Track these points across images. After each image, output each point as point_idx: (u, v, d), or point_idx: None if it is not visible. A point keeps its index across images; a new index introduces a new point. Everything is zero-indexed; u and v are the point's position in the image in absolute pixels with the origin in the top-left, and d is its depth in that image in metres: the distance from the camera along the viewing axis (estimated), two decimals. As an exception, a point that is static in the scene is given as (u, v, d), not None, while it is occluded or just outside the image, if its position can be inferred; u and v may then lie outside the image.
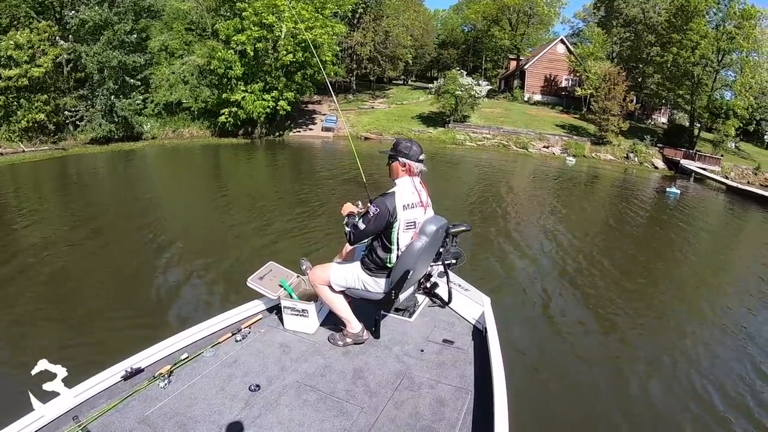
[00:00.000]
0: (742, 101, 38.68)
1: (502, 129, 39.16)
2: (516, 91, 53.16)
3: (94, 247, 9.47)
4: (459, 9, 73.61)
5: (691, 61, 38.19)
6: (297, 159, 26.70)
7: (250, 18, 28.89)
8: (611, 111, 37.64)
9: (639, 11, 49.18)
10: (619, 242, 13.30)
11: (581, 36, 60.04)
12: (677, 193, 23.52)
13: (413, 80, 70.95)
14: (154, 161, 23.74)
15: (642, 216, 18.13)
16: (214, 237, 10.44)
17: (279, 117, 33.14)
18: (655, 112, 53.08)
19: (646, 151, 38.16)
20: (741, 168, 37.90)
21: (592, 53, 47.70)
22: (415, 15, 52.20)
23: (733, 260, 13.60)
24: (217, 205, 13.66)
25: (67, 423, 2.63)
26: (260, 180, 19.72)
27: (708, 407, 5.37)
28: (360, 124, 38.48)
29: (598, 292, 8.85)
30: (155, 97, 29.82)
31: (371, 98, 48.86)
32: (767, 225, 20.37)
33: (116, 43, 25.11)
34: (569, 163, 34.00)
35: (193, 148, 27.79)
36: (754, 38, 38.12)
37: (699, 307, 8.71)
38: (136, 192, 15.51)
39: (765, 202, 25.69)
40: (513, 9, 55.80)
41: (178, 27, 33.05)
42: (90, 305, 6.78)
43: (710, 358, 6.60)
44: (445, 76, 39.29)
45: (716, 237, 16.66)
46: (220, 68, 29.76)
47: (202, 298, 7.29)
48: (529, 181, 24.54)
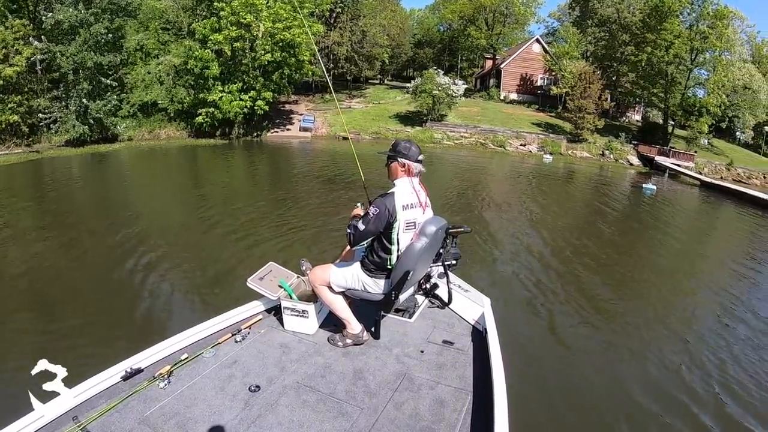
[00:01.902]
0: (714, 99, 40.31)
1: (479, 128, 40.27)
2: (492, 90, 54.27)
3: (69, 255, 9.27)
4: (435, 8, 74.65)
5: (665, 60, 39.83)
6: (276, 160, 26.92)
7: (228, 17, 29.23)
8: (587, 109, 38.98)
9: (613, 11, 50.72)
10: (599, 237, 13.77)
11: (556, 35, 61.36)
12: (653, 189, 24.53)
13: (389, 80, 71.46)
14: (131, 163, 23.70)
15: (620, 212, 18.95)
16: (195, 240, 10.33)
17: (256, 117, 33.57)
18: (630, 110, 54.85)
19: (621, 148, 39.57)
20: (714, 164, 39.75)
21: (567, 52, 48.97)
22: (392, 14, 52.96)
23: (709, 251, 14.57)
24: (197, 208, 13.51)
25: (66, 423, 2.68)
26: (240, 181, 19.73)
27: (715, 406, 5.49)
28: (337, 123, 38.97)
29: (583, 288, 9.01)
30: (131, 97, 30.02)
31: (348, 98, 49.35)
32: (740, 218, 21.35)
33: (92, 44, 25.26)
34: (546, 160, 35.07)
35: (169, 150, 27.87)
36: (727, 38, 39.94)
37: (688, 302, 9.06)
38: (112, 196, 15.40)
39: (738, 196, 27.16)
40: (489, 8, 56.92)
41: (154, 26, 33.32)
42: (71, 313, 6.67)
43: (706, 352, 6.76)
44: (423, 76, 40.04)
45: (693, 230, 17.61)
46: (196, 68, 30.02)
47: (180, 303, 7.23)
48: (507, 179, 25.26)
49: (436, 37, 75.09)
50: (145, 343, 3.43)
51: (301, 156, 28.64)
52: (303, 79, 38.99)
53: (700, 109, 41.11)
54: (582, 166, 34.80)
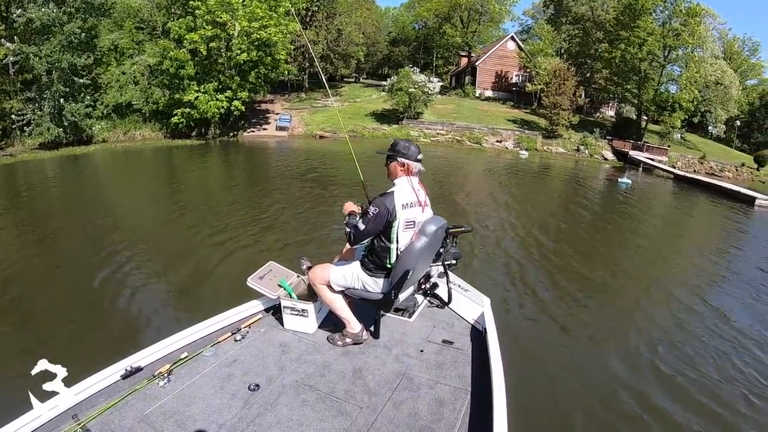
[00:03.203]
0: (687, 94, 41.74)
1: (455, 125, 41.14)
2: (467, 87, 55.32)
3: (48, 262, 9.02)
4: (410, 6, 75.56)
5: (638, 57, 41.17)
6: (254, 160, 27.05)
7: (203, 16, 29.31)
8: (561, 105, 40.13)
9: (587, 9, 52.01)
10: (577, 231, 14.23)
11: (531, 33, 62.74)
12: (628, 182, 25.51)
13: (364, 78, 71.82)
14: (106, 166, 23.54)
15: (597, 206, 19.77)
16: (173, 244, 10.14)
17: (233, 117, 33.80)
18: (603, 105, 56.45)
19: (595, 143, 40.85)
20: (687, 158, 41.37)
21: (541, 50, 50.15)
22: (367, 12, 53.64)
23: (685, 241, 15.57)
24: (175, 211, 13.27)
25: (66, 422, 2.71)
26: (220, 182, 19.62)
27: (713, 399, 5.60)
28: (314, 122, 39.58)
29: (566, 282, 9.22)
30: (105, 98, 29.97)
31: (324, 96, 49.75)
32: (713, 209, 22.53)
33: (65, 44, 25.22)
34: (522, 156, 36.00)
35: (145, 151, 27.83)
36: (699, 35, 41.36)
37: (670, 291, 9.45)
38: (88, 199, 15.09)
39: (710, 189, 28.67)
40: (464, 6, 57.88)
41: (128, 25, 33.24)
42: (48, 320, 6.58)
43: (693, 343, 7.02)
44: (398, 74, 40.76)
45: (668, 222, 18.73)
46: (172, 68, 30.13)
47: (158, 309, 7.07)
48: (484, 175, 25.80)
49: (411, 35, 76.06)
50: (139, 346, 3.48)
51: (280, 155, 28.82)
52: (279, 78, 39.34)
53: (672, 105, 42.48)
54: (558, 162, 35.84)
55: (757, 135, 60.55)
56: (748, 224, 19.50)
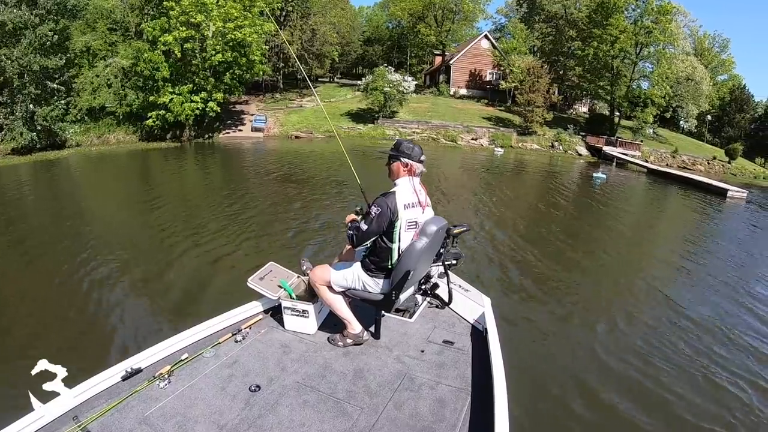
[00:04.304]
0: (659, 90, 43.49)
1: (430, 123, 42.06)
2: (442, 85, 56.30)
3: (23, 270, 8.84)
4: (384, 6, 76.20)
5: (610, 55, 42.59)
6: (230, 161, 26.97)
7: (177, 17, 29.27)
8: (535, 103, 41.43)
9: (560, 7, 53.34)
10: (556, 225, 14.60)
11: (504, 31, 64.01)
12: (603, 177, 26.48)
13: (339, 77, 72.22)
14: (81, 171, 23.08)
15: (574, 200, 20.40)
16: (151, 249, 9.91)
17: (208, 119, 33.79)
18: (577, 102, 58.03)
19: (569, 139, 42.16)
20: (660, 152, 43.15)
21: (515, 48, 51.18)
22: (341, 12, 54.24)
23: (658, 230, 16.70)
24: (152, 216, 13.00)
25: (67, 423, 2.74)
26: (196, 186, 19.45)
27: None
28: (289, 123, 39.99)
29: (549, 275, 9.46)
30: (78, 101, 29.80)
31: (299, 96, 50.40)
32: (685, 201, 23.80)
33: (37, 46, 25.12)
34: (497, 153, 37.00)
35: (120, 155, 27.60)
36: (670, 32, 43.01)
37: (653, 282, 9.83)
38: (64, 206, 14.65)
39: (683, 182, 30.23)
40: (438, 5, 58.81)
41: (101, 26, 33.10)
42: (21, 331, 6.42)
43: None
44: (374, 73, 41.40)
45: (643, 214, 19.83)
46: (146, 70, 30.04)
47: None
48: (461, 173, 26.17)
49: (385, 34, 77.16)
50: (137, 348, 3.50)
51: (255, 157, 28.59)
52: (254, 78, 39.59)
53: (645, 101, 44.11)
54: (533, 158, 36.83)
55: (728, 129, 62.37)
56: (722, 215, 20.78)
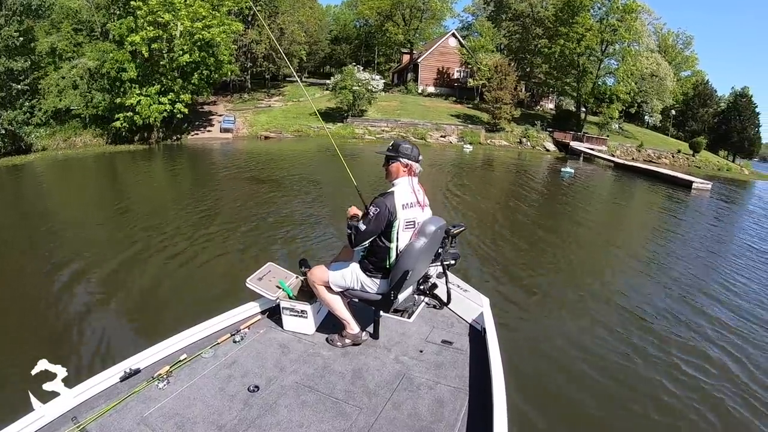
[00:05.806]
0: (624, 87, 45.48)
1: (399, 121, 42.99)
2: (410, 84, 57.47)
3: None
4: (352, 5, 77.34)
5: (576, 52, 44.43)
6: (200, 163, 26.70)
7: (145, 16, 29.37)
8: (503, 100, 42.77)
9: (527, 6, 55.15)
10: (526, 219, 15.22)
11: (472, 29, 65.43)
12: (571, 172, 27.45)
13: (306, 77, 72.41)
14: (47, 176, 22.30)
15: (543, 195, 21.06)
16: (123, 257, 9.48)
17: (176, 120, 33.71)
18: (544, 99, 60.09)
19: (537, 135, 43.78)
20: (626, 146, 45.04)
21: (482, 46, 52.84)
22: (309, 11, 54.81)
23: (627, 222, 17.61)
24: (122, 221, 12.63)
25: (66, 424, 2.77)
26: (167, 189, 19.04)
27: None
28: (258, 123, 40.26)
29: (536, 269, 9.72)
30: (43, 104, 29.58)
31: (267, 96, 50.84)
32: (651, 193, 25.14)
33: (2, 48, 25.21)
34: (466, 150, 38.07)
35: (87, 158, 27.09)
36: (635, 30, 45.23)
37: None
38: (31, 214, 13.93)
39: (648, 174, 32.02)
40: (406, 4, 60.03)
41: (65, 27, 32.89)
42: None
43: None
44: (342, 72, 41.87)
45: (611, 206, 20.91)
46: (112, 71, 29.93)
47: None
48: (430, 170, 25.27)
49: (353, 33, 78.22)
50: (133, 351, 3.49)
51: (225, 158, 28.24)
52: (222, 79, 39.69)
53: (610, 97, 46.00)
54: (501, 154, 38.05)
55: (692, 123, 65.07)
56: (687, 206, 21.68)
